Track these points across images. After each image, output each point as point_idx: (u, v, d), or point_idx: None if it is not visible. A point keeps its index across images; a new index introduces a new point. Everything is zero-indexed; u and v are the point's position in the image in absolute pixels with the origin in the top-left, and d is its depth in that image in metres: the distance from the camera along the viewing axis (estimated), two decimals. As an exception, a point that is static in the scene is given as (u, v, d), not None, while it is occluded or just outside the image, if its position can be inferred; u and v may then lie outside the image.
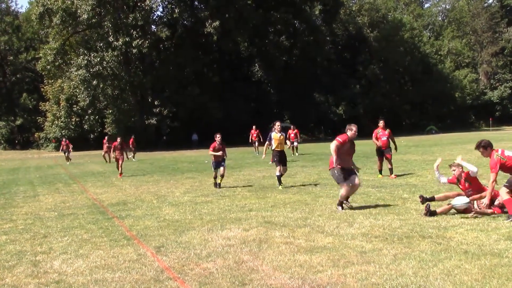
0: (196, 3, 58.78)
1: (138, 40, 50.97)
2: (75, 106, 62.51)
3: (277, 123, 15.53)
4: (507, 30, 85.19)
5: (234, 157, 28.61)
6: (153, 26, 58.34)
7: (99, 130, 61.66)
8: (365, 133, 27.74)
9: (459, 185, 9.88)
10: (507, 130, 63.73)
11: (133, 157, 35.62)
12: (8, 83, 76.15)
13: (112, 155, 25.37)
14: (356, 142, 10.90)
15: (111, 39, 51.84)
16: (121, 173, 21.40)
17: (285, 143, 28.52)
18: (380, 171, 16.52)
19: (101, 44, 53.17)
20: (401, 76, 76.16)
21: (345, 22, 74.33)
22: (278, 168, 14.74)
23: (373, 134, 16.71)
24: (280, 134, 15.16)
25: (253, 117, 54.31)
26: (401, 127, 71.08)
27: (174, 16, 55.02)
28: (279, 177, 14.69)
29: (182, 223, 9.70)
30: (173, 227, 9.29)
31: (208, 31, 52.99)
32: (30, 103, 73.63)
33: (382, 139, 16.34)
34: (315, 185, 14.85)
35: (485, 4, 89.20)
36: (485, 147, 9.21)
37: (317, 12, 67.13)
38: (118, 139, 22.47)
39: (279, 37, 62.46)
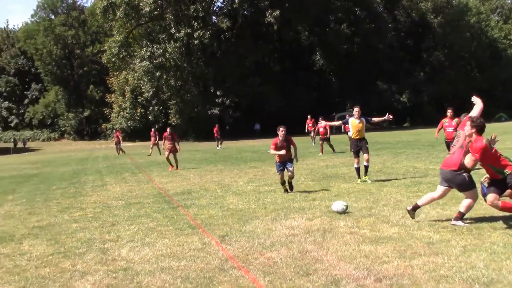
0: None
1: (200, 31, 51.47)
2: (139, 97, 64.00)
3: (356, 108, 13.52)
4: None
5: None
6: (213, 17, 58.80)
7: (163, 120, 62.94)
8: (429, 121, 27.06)
9: None
10: None
11: (219, 145, 35.73)
12: (76, 76, 78.63)
13: (163, 146, 25.58)
14: (419, 130, 10.61)
15: (173, 30, 52.61)
16: (172, 166, 20.38)
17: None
18: None
19: (163, 36, 54.03)
20: (467, 62, 73.82)
21: (407, 8, 72.53)
22: (356, 160, 13.31)
23: (439, 124, 15.88)
24: (359, 120, 13.41)
25: (315, 106, 54.06)
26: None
27: (234, 6, 55.20)
28: (357, 170, 13.32)
29: (246, 212, 9.74)
30: (237, 216, 9.34)
31: (268, 21, 52.92)
32: (96, 94, 75.80)
33: (448, 130, 15.38)
34: (379, 174, 14.60)
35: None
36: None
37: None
38: (168, 130, 21.42)
39: (340, 25, 61.73)
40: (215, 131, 36.04)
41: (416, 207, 8.11)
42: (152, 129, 34.68)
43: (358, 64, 60.22)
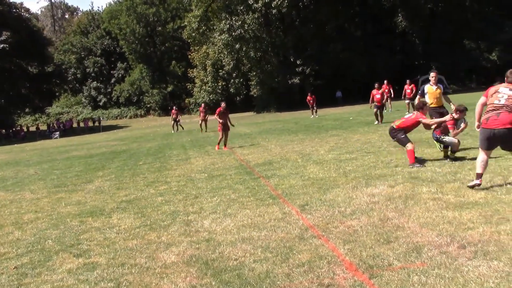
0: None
1: (278, 0, 51.11)
2: (220, 70, 64.75)
3: (433, 74, 12.78)
4: None
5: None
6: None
7: (244, 92, 63.45)
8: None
9: None
10: None
11: (314, 114, 35.35)
12: (158, 52, 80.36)
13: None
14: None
15: (250, 1, 52.49)
16: (222, 145, 18.67)
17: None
18: None
19: (242, 8, 54.05)
20: None
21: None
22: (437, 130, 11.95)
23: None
24: (437, 87, 12.61)
25: (399, 70, 52.61)
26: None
27: (312, -28, 54.35)
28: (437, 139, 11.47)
29: (326, 181, 9.72)
30: (318, 185, 9.34)
31: (348, -15, 51.81)
32: (179, 70, 77.25)
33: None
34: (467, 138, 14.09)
35: None
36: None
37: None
38: (222, 105, 19.14)
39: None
40: (308, 100, 35.58)
41: (480, 175, 7.67)
42: (203, 104, 34.70)
43: (443, 24, 57.71)
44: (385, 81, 29.31)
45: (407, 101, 26.52)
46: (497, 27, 61.97)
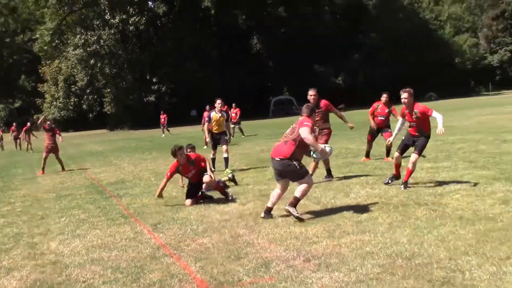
0: (192, -23, 58.24)
1: (135, 17, 50.58)
2: (73, 86, 62.51)
3: (218, 101, 13.31)
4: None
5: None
6: (150, 2, 57.90)
7: (97, 109, 61.65)
8: (364, 102, 27.58)
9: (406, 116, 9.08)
10: (507, 94, 63.49)
11: (164, 132, 35.03)
12: (5, 64, 75.81)
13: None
14: (353, 112, 10.88)
15: (107, 17, 51.49)
16: (43, 171, 16.72)
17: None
18: (368, 153, 13.39)
19: (98, 23, 52.87)
20: (402, 43, 75.66)
21: (343, -10, 73.53)
22: (212, 152, 13.50)
23: (371, 109, 13.47)
24: (221, 114, 13.25)
25: (252, 90, 54.15)
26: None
27: (171, -9, 54.61)
28: (213, 160, 13.28)
29: (180, 200, 9.69)
30: (171, 204, 9.30)
31: (206, 5, 52.55)
32: (28, 84, 73.42)
33: (379, 118, 13.06)
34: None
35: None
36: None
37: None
38: (41, 121, 18.72)
39: (277, 8, 61.95)
40: (162, 118, 35.41)
41: (269, 210, 7.68)
42: (14, 124, 33.55)
43: (296, 47, 60.59)
44: (233, 104, 29.47)
45: (232, 125, 26.18)
46: (343, 53, 66.31)
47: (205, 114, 23.34)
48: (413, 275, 4.81)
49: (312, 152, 7.73)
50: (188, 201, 9.14)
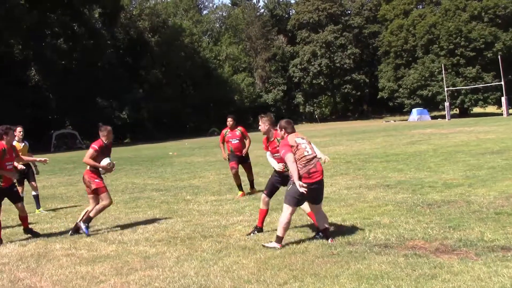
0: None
1: None
2: None
3: (19, 128, 11.84)
4: (277, 38, 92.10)
5: None
6: None
7: None
8: (149, 136, 27.67)
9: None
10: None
11: None
12: None
13: None
14: (139, 146, 10.84)
15: None
16: None
17: None
18: (240, 186, 12.20)
19: None
20: (183, 80, 77.81)
21: (126, 26, 73.57)
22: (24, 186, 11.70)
23: (220, 137, 12.76)
24: (24, 143, 11.88)
25: (30, 123, 50.87)
26: (185, 129, 72.73)
27: None
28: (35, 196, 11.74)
29: None
30: None
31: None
32: None
33: (233, 142, 12.18)
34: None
35: (258, 13, 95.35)
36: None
37: (96, 15, 65.71)
38: None
39: (57, 40, 59.73)
40: None
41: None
42: None
43: (77, 80, 58.61)
44: None
45: None
46: (126, 88, 66.12)
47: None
48: (201, 306, 4.94)
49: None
50: None
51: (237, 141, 12.15)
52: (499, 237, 6.53)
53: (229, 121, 12.27)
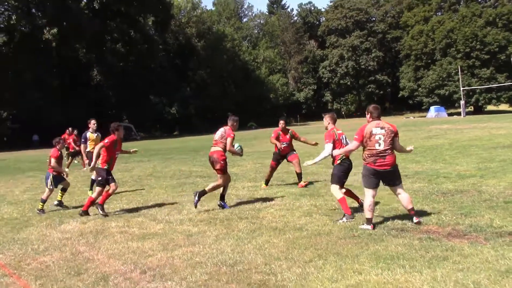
0: (33, 10, 54.57)
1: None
2: None
3: (93, 121, 12.13)
4: (309, 43, 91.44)
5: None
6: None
7: None
8: (195, 130, 27.80)
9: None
10: (311, 124, 68.48)
11: None
12: None
13: None
14: (186, 138, 10.90)
15: None
16: None
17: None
18: (267, 181, 11.50)
19: None
20: (226, 80, 78.01)
21: (175, 32, 74.19)
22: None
23: (274, 135, 11.43)
24: (97, 134, 12.19)
25: (94, 118, 51.79)
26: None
27: (12, 22, 50.59)
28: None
29: (20, 220, 8.97)
30: (11, 225, 8.55)
31: (47, 38, 49.59)
32: None
33: (283, 145, 11.28)
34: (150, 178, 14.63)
35: (292, 20, 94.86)
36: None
37: (150, 23, 66.37)
38: None
39: (116, 44, 60.65)
40: None
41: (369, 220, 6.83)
42: None
43: (133, 80, 59.54)
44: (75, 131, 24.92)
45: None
46: (176, 87, 66.73)
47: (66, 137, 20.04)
48: (235, 280, 4.96)
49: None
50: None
51: (286, 144, 11.30)
52: (507, 223, 6.36)
53: (281, 123, 11.35)
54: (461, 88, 63.16)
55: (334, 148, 7.60)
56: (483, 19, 67.00)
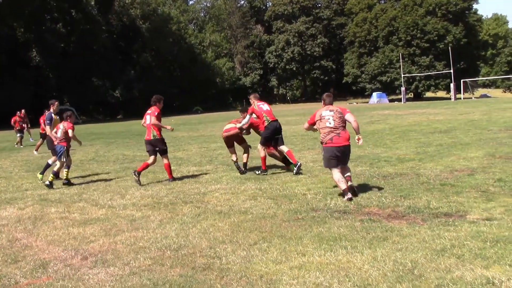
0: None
1: None
2: None
3: (56, 103, 12.00)
4: (255, 27, 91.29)
5: (13, 139, 26.06)
6: None
7: None
8: (140, 114, 27.22)
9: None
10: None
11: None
12: None
13: None
14: (130, 122, 10.65)
15: None
16: None
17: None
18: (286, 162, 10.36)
19: None
20: (171, 63, 76.92)
21: (119, 13, 72.30)
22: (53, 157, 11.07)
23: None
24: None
25: (32, 101, 49.99)
26: (172, 108, 72.16)
27: None
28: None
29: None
30: None
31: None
32: None
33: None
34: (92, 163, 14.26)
35: (238, 5, 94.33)
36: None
37: (92, 3, 64.36)
38: None
39: (56, 24, 58.47)
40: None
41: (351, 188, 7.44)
42: None
43: (75, 62, 57.71)
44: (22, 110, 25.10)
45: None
46: (120, 70, 65.17)
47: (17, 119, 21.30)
48: (180, 264, 4.91)
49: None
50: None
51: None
52: (443, 205, 6.61)
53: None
54: (402, 75, 65.07)
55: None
56: (423, 8, 68.99)
